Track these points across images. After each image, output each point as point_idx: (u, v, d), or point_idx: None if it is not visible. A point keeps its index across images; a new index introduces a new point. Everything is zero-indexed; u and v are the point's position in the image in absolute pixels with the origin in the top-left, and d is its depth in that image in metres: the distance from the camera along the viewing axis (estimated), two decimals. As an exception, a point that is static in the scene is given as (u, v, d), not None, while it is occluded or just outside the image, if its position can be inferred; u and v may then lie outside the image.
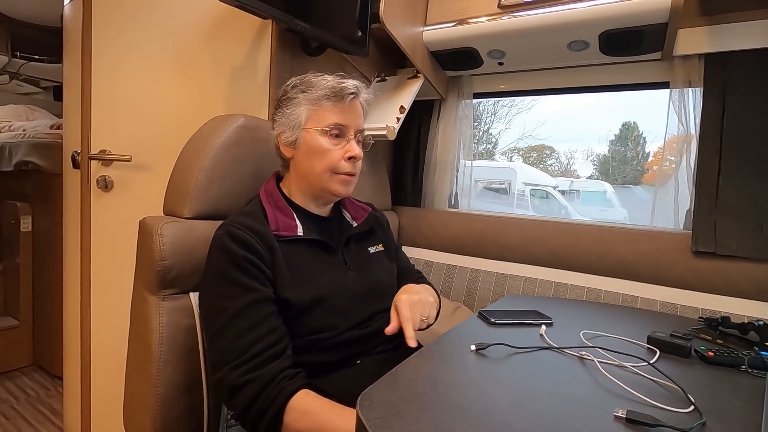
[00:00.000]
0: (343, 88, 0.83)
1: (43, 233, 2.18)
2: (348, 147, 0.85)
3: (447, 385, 0.59)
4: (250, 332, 0.72)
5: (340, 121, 0.84)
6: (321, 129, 0.83)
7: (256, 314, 0.74)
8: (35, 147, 2.08)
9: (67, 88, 1.45)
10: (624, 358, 0.71)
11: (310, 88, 0.84)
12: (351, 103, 0.85)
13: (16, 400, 1.94)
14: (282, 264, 0.79)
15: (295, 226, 0.85)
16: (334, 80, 0.85)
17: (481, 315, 0.94)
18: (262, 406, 0.69)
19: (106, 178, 1.30)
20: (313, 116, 0.84)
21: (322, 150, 0.84)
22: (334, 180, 0.86)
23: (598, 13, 1.22)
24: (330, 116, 0.84)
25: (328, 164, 0.84)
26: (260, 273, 0.76)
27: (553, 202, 5.67)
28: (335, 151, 0.84)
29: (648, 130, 6.79)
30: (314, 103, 0.84)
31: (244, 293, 0.74)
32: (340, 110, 0.84)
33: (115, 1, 1.27)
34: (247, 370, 0.70)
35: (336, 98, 0.83)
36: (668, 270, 1.30)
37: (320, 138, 0.84)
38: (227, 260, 0.76)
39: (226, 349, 0.72)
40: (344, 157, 0.85)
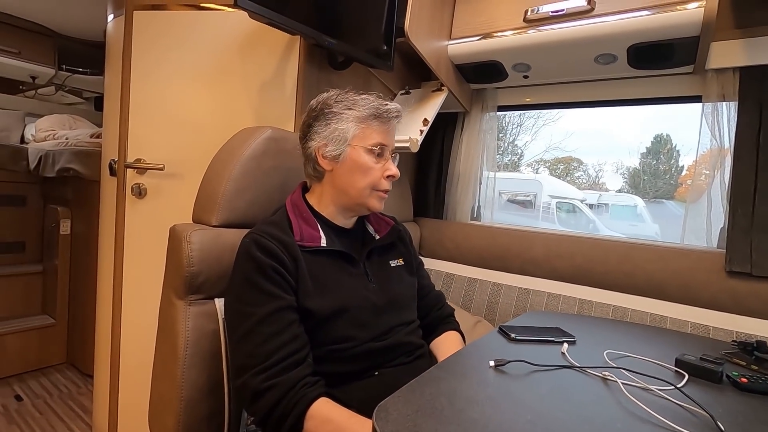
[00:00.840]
0: (389, 110, 0.88)
1: (81, 236, 2.28)
2: (387, 166, 0.89)
3: (465, 401, 0.59)
4: (274, 339, 0.74)
5: (383, 141, 0.88)
6: (367, 147, 0.86)
7: (280, 321, 0.76)
8: (76, 155, 2.20)
9: (107, 98, 1.53)
10: (650, 381, 0.69)
11: (356, 105, 0.87)
12: (391, 124, 0.90)
13: (50, 396, 2.02)
14: (305, 274, 0.81)
15: (319, 237, 0.87)
16: (377, 101, 0.89)
17: (501, 330, 0.93)
18: (283, 411, 0.70)
19: (140, 185, 1.36)
20: (360, 134, 0.86)
21: (366, 167, 0.87)
22: (373, 196, 0.89)
23: (626, 26, 1.20)
24: (375, 135, 0.87)
25: (371, 181, 0.87)
26: (284, 281, 0.78)
27: (581, 216, 5.53)
28: (377, 169, 0.88)
29: (681, 143, 6.57)
30: (362, 121, 0.87)
31: (269, 300, 0.76)
32: (384, 130, 0.88)
33: (155, 18, 1.34)
34: (269, 376, 0.72)
35: (382, 119, 0.88)
36: (700, 290, 1.25)
37: (365, 156, 0.87)
38: (253, 268, 0.78)
39: (250, 354, 0.74)
40: (384, 176, 0.88)
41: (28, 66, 2.90)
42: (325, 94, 0.91)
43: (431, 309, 1.06)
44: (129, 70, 1.36)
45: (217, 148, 1.02)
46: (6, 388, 2.07)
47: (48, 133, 2.66)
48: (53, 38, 2.97)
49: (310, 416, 0.70)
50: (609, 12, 1.22)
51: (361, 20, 1.30)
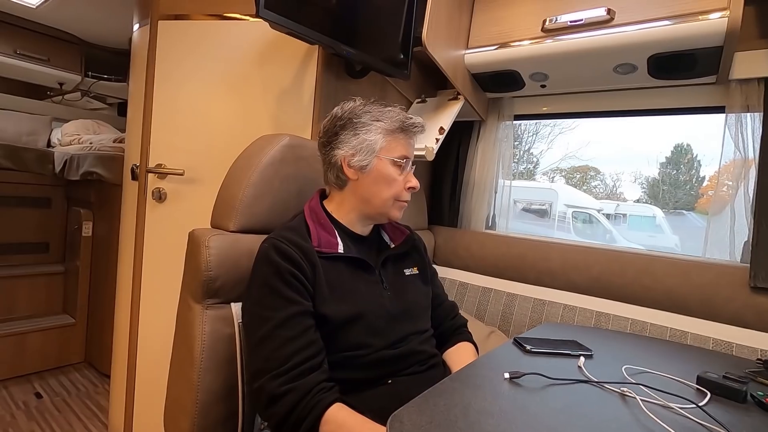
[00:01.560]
0: (413, 124, 0.91)
1: (102, 238, 2.34)
2: (408, 178, 0.91)
3: (478, 413, 0.58)
4: (291, 343, 0.75)
5: (407, 154, 0.91)
6: (393, 159, 0.88)
7: (298, 326, 0.77)
8: (100, 159, 2.26)
9: (131, 105, 1.57)
10: (670, 399, 0.67)
11: (383, 117, 0.89)
12: (413, 137, 0.93)
13: (68, 394, 2.07)
14: (322, 280, 0.82)
15: (336, 244, 0.88)
16: (402, 114, 0.91)
17: (516, 342, 0.92)
18: (299, 415, 0.71)
19: (160, 190, 1.39)
20: (387, 146, 0.88)
21: (391, 179, 0.89)
22: (395, 206, 0.91)
23: (647, 36, 1.19)
24: (400, 148, 0.90)
25: (395, 192, 0.89)
26: (302, 287, 0.79)
27: (597, 226, 5.43)
28: (401, 181, 0.90)
29: (702, 153, 6.41)
30: (390, 133, 0.89)
31: (288, 305, 0.77)
32: (408, 143, 0.91)
33: (179, 28, 1.38)
34: (286, 380, 0.72)
35: (407, 132, 0.91)
36: (723, 305, 1.22)
37: (391, 167, 0.88)
38: (272, 272, 0.79)
39: (267, 358, 0.75)
40: (406, 187, 0.91)
41: (56, 72, 3.01)
42: (351, 103, 0.91)
43: (444, 319, 1.06)
44: (152, 78, 1.40)
45: (235, 154, 1.04)
46: (27, 385, 2.12)
47: (73, 137, 2.75)
48: (80, 46, 3.08)
49: (326, 421, 0.71)
50: (629, 22, 1.21)
51: (378, 30, 1.32)
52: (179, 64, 1.38)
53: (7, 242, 2.44)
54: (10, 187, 2.44)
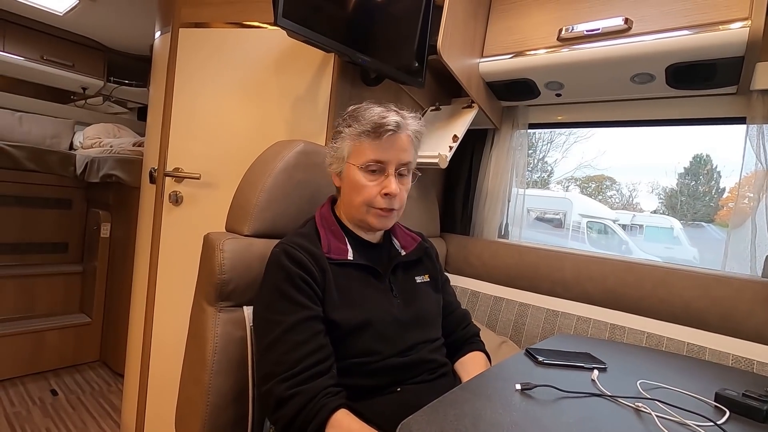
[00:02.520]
0: (382, 124, 0.84)
1: (119, 240, 2.39)
2: (385, 183, 0.86)
3: (489, 425, 0.57)
4: (300, 347, 0.75)
5: (377, 158, 0.85)
6: (359, 165, 0.86)
7: (307, 330, 0.77)
8: (119, 162, 2.32)
9: (150, 109, 1.61)
10: (687, 416, 0.65)
11: (355, 122, 0.87)
12: (390, 139, 0.85)
13: (82, 392, 2.10)
14: (332, 286, 0.82)
15: (346, 251, 0.88)
16: (378, 114, 0.86)
17: (528, 353, 0.90)
18: (305, 418, 0.71)
19: (177, 193, 1.42)
20: (354, 151, 0.87)
21: (359, 185, 0.87)
22: (371, 214, 0.88)
23: (665, 46, 1.18)
24: (368, 152, 0.86)
25: (364, 199, 0.87)
26: (312, 292, 0.80)
27: (613, 237, 5.34)
28: (372, 187, 0.86)
29: (722, 164, 6.27)
30: (355, 138, 0.87)
31: (297, 310, 0.78)
32: (379, 146, 0.85)
33: (199, 36, 1.41)
34: (293, 384, 0.73)
35: (375, 134, 0.85)
36: (743, 321, 1.18)
37: (358, 173, 0.87)
38: (283, 277, 0.80)
39: (276, 362, 0.75)
40: (380, 193, 0.86)
41: (80, 78, 3.11)
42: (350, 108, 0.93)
43: (456, 327, 1.05)
44: (172, 84, 1.44)
45: (251, 159, 1.05)
46: (43, 382, 2.17)
47: (94, 140, 2.82)
48: (104, 52, 3.18)
49: (330, 425, 0.71)
50: (647, 31, 1.20)
51: (394, 38, 1.33)
52: (198, 70, 1.41)
53: (29, 242, 2.51)
54: (34, 188, 2.51)
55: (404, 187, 0.89)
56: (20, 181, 2.45)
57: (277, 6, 0.98)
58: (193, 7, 1.42)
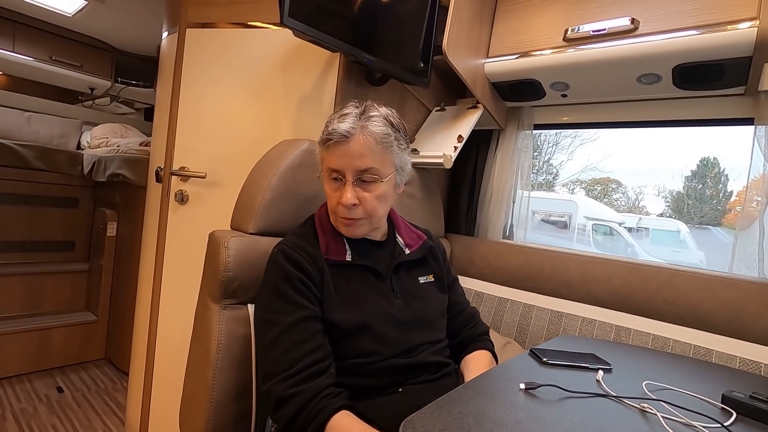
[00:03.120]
0: (330, 133, 0.81)
1: (125, 238, 2.41)
2: (342, 191, 0.83)
3: (492, 423, 0.57)
4: (299, 347, 0.75)
5: (333, 166, 0.83)
6: (323, 171, 0.87)
7: (306, 330, 0.77)
8: (126, 161, 2.34)
9: (157, 110, 1.62)
10: (693, 417, 0.65)
11: (324, 127, 0.85)
12: (340, 147, 0.81)
13: (88, 390, 2.12)
14: (330, 286, 0.82)
15: (344, 251, 0.88)
16: (334, 122, 0.82)
17: (532, 353, 0.90)
18: (305, 419, 0.71)
19: (183, 192, 1.43)
20: (322, 158, 0.87)
21: (326, 193, 0.87)
22: (338, 222, 0.88)
23: (672, 46, 1.17)
24: (326, 161, 0.85)
25: (330, 207, 0.88)
26: (310, 292, 0.80)
27: (618, 240, 5.30)
28: (333, 196, 0.85)
29: (730, 167, 6.20)
30: (320, 144, 0.86)
31: (296, 310, 0.78)
32: (332, 155, 0.83)
33: (205, 36, 1.42)
34: (293, 384, 0.73)
35: (326, 143, 0.83)
36: (751, 323, 1.17)
37: (325, 182, 0.87)
38: (281, 278, 0.80)
39: (276, 362, 0.75)
40: (340, 203, 0.84)
41: (88, 78, 3.14)
42: None
43: (463, 327, 1.03)
44: (179, 84, 1.45)
45: (256, 158, 1.06)
46: (49, 379, 2.19)
47: (101, 140, 2.84)
48: (111, 53, 3.21)
49: (331, 427, 0.70)
50: (653, 31, 1.19)
51: (399, 38, 1.33)
52: (205, 70, 1.42)
53: (36, 240, 2.54)
54: (41, 187, 2.53)
55: (370, 195, 0.84)
56: (28, 180, 2.48)
57: (284, 6, 0.99)
58: (200, 7, 1.43)
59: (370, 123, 0.83)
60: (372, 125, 0.82)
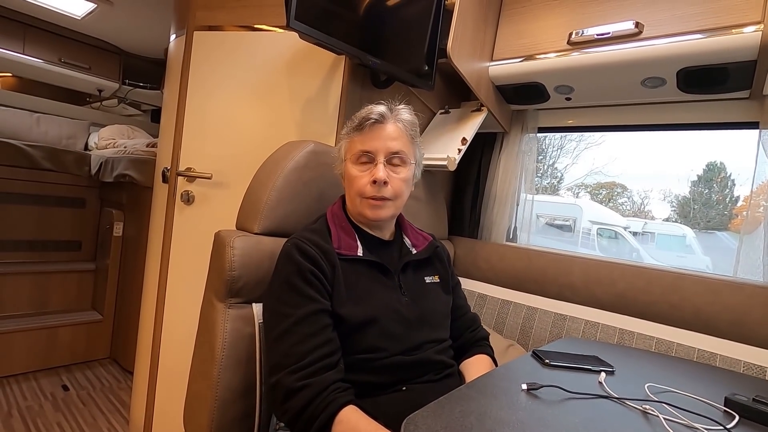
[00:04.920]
0: (366, 116, 0.89)
1: (132, 239, 2.43)
2: (373, 171, 0.88)
3: (494, 422, 0.58)
4: (310, 340, 0.76)
5: (365, 148, 0.89)
6: (351, 158, 0.91)
7: (316, 324, 0.78)
8: (133, 162, 2.36)
9: (164, 111, 1.64)
10: (695, 419, 0.65)
11: (349, 122, 0.93)
12: (376, 129, 0.89)
13: (93, 389, 2.13)
14: (341, 281, 0.83)
15: (356, 247, 0.89)
16: (366, 111, 0.91)
17: (535, 354, 0.90)
18: (313, 412, 0.71)
19: (189, 192, 1.44)
20: (347, 148, 0.93)
21: (351, 177, 0.91)
22: (363, 204, 0.90)
23: (676, 50, 1.17)
24: (357, 145, 0.91)
25: (356, 190, 0.90)
26: (322, 286, 0.81)
27: (624, 244, 5.27)
28: (363, 176, 0.89)
29: (737, 172, 6.16)
30: (347, 136, 0.93)
31: (307, 303, 0.79)
32: (365, 137, 0.90)
33: (212, 39, 1.44)
34: (303, 376, 0.73)
35: (360, 127, 0.90)
36: (755, 328, 1.16)
37: (351, 167, 0.91)
38: (294, 271, 0.81)
39: (286, 354, 0.76)
40: (370, 182, 0.88)
41: (96, 80, 3.18)
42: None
43: (465, 330, 1.05)
44: (186, 86, 1.46)
45: (262, 160, 1.07)
46: (55, 378, 2.20)
47: (109, 141, 2.88)
48: (120, 55, 3.25)
49: (339, 420, 0.71)
50: (658, 35, 1.19)
51: (404, 41, 1.34)
52: (212, 73, 1.44)
53: (43, 239, 2.56)
54: (49, 187, 2.56)
55: (398, 177, 0.90)
56: (36, 180, 2.51)
57: (290, 9, 1.00)
58: (207, 10, 1.45)
59: (400, 112, 0.93)
60: (402, 114, 0.93)
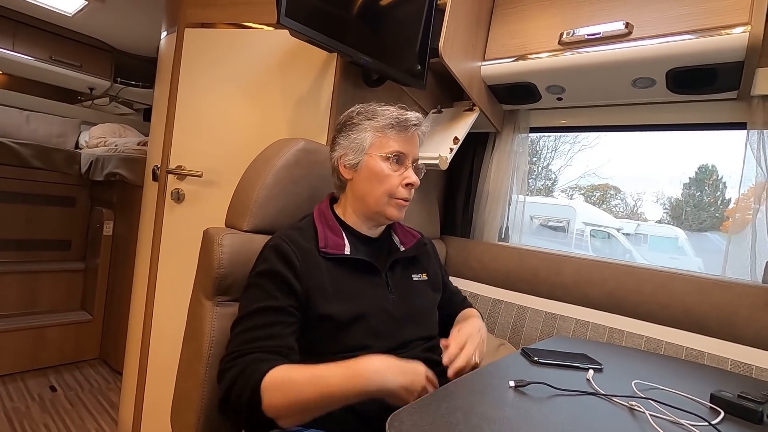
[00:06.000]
0: (408, 119, 0.89)
1: (122, 237, 2.41)
2: (406, 174, 0.90)
3: (481, 419, 0.57)
4: (253, 331, 0.76)
5: (401, 149, 0.89)
6: (383, 155, 0.89)
7: (266, 317, 0.78)
8: (123, 161, 2.34)
9: (155, 109, 1.63)
10: (681, 415, 0.65)
11: (375, 116, 0.90)
12: (412, 134, 0.91)
13: (81, 389, 2.11)
14: (325, 280, 0.83)
15: (343, 245, 0.89)
16: (398, 111, 0.91)
17: (524, 352, 0.90)
18: (239, 392, 0.70)
19: (179, 191, 1.43)
20: (377, 143, 0.89)
21: (383, 175, 0.88)
22: (390, 204, 0.90)
23: (665, 50, 1.18)
24: (393, 144, 0.89)
25: (387, 189, 0.89)
26: (286, 286, 0.80)
27: (617, 245, 5.31)
28: (394, 177, 0.89)
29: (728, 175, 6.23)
30: (379, 130, 0.90)
31: (263, 298, 0.79)
32: (403, 139, 0.90)
33: (204, 36, 1.43)
34: (233, 358, 0.74)
35: (400, 128, 0.89)
36: (743, 326, 1.17)
37: (382, 163, 0.89)
38: (263, 270, 0.82)
39: (230, 342, 0.78)
40: (402, 184, 0.89)
41: (87, 78, 3.15)
42: (351, 108, 0.95)
43: (455, 308, 1.10)
44: (177, 83, 1.45)
45: (253, 158, 1.06)
46: (43, 378, 2.18)
47: (100, 140, 2.85)
48: (111, 53, 3.22)
49: (265, 387, 0.68)
50: (647, 36, 1.20)
51: (396, 40, 1.34)
52: (203, 70, 1.43)
53: (33, 239, 2.53)
54: (39, 185, 2.53)
55: (418, 181, 0.93)
56: (26, 179, 2.48)
57: (281, 5, 0.99)
58: (198, 8, 1.44)
59: (423, 121, 0.93)
60: (425, 124, 0.93)
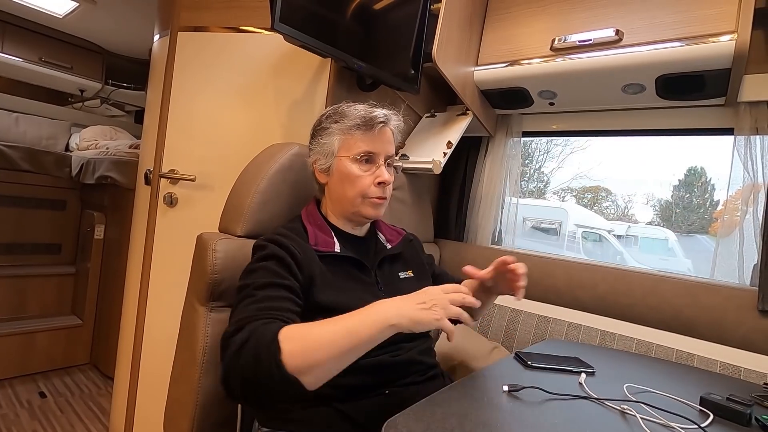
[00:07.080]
0: (373, 117, 0.88)
1: (113, 241, 2.38)
2: (378, 173, 0.89)
3: (475, 424, 0.58)
4: (261, 303, 0.72)
5: (369, 149, 0.89)
6: (351, 156, 0.89)
7: (271, 291, 0.74)
8: (115, 163, 2.32)
9: (147, 112, 1.62)
10: (671, 418, 0.66)
11: (342, 118, 0.90)
12: (380, 131, 0.90)
13: (71, 395, 2.08)
14: (318, 271, 0.82)
15: (333, 243, 0.89)
16: (365, 110, 0.90)
17: (517, 356, 0.91)
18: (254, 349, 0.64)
19: (172, 195, 1.42)
20: (345, 145, 0.90)
21: (353, 176, 0.89)
22: (365, 204, 0.90)
23: (655, 57, 1.20)
24: (360, 144, 0.89)
25: (360, 190, 0.89)
26: (289, 268, 0.78)
27: (608, 247, 5.36)
28: (365, 177, 0.89)
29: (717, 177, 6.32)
30: (346, 132, 0.90)
31: (268, 276, 0.76)
32: (370, 138, 0.89)
33: (197, 40, 1.43)
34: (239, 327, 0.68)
35: (366, 127, 0.89)
36: (731, 328, 1.20)
37: (351, 165, 0.89)
38: (263, 255, 0.80)
39: (232, 317, 0.73)
40: (374, 183, 0.89)
41: (78, 80, 3.12)
42: (322, 111, 0.96)
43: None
44: (170, 87, 1.45)
45: (246, 162, 1.06)
46: (32, 384, 2.14)
47: (91, 142, 2.82)
48: (102, 55, 3.19)
49: (283, 338, 0.64)
50: (637, 43, 1.22)
51: (390, 45, 1.35)
52: (196, 73, 1.43)
53: (22, 242, 2.50)
54: (29, 188, 2.50)
55: (392, 178, 0.93)
56: (15, 182, 2.45)
57: (275, 11, 1.00)
58: (192, 11, 1.44)
59: (392, 115, 0.92)
60: (394, 117, 0.92)
